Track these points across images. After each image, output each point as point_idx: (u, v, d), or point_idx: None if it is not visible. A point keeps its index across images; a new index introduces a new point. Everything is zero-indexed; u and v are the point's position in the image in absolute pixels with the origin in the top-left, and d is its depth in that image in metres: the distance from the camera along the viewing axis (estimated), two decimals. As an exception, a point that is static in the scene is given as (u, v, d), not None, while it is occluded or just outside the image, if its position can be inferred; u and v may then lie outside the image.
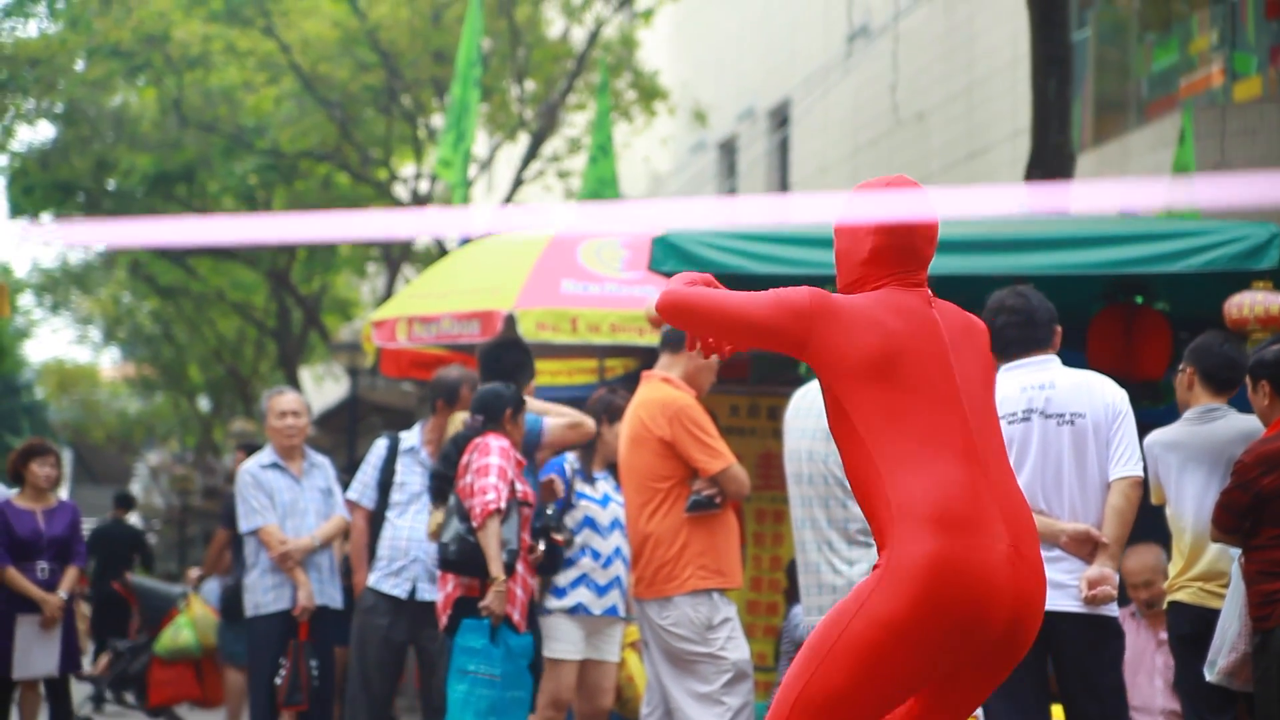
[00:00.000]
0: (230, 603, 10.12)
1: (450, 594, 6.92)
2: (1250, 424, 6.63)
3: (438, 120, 20.37)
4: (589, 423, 7.45)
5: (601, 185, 13.28)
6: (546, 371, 11.93)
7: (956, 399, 4.13)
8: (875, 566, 4.03)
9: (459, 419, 7.48)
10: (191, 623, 10.94)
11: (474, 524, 6.77)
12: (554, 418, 7.43)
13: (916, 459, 4.05)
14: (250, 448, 10.30)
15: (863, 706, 4.01)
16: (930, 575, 3.94)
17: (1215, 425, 6.62)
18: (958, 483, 4.03)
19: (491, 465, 6.81)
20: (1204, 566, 6.59)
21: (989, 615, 3.98)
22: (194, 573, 11.01)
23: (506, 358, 7.32)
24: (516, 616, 6.91)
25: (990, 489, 4.06)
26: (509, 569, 6.80)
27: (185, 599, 11.30)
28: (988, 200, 3.45)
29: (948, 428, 4.09)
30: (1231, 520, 6.16)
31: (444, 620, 6.93)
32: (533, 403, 7.43)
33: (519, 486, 6.95)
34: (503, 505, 6.74)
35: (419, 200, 20.69)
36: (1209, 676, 6.32)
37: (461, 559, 6.82)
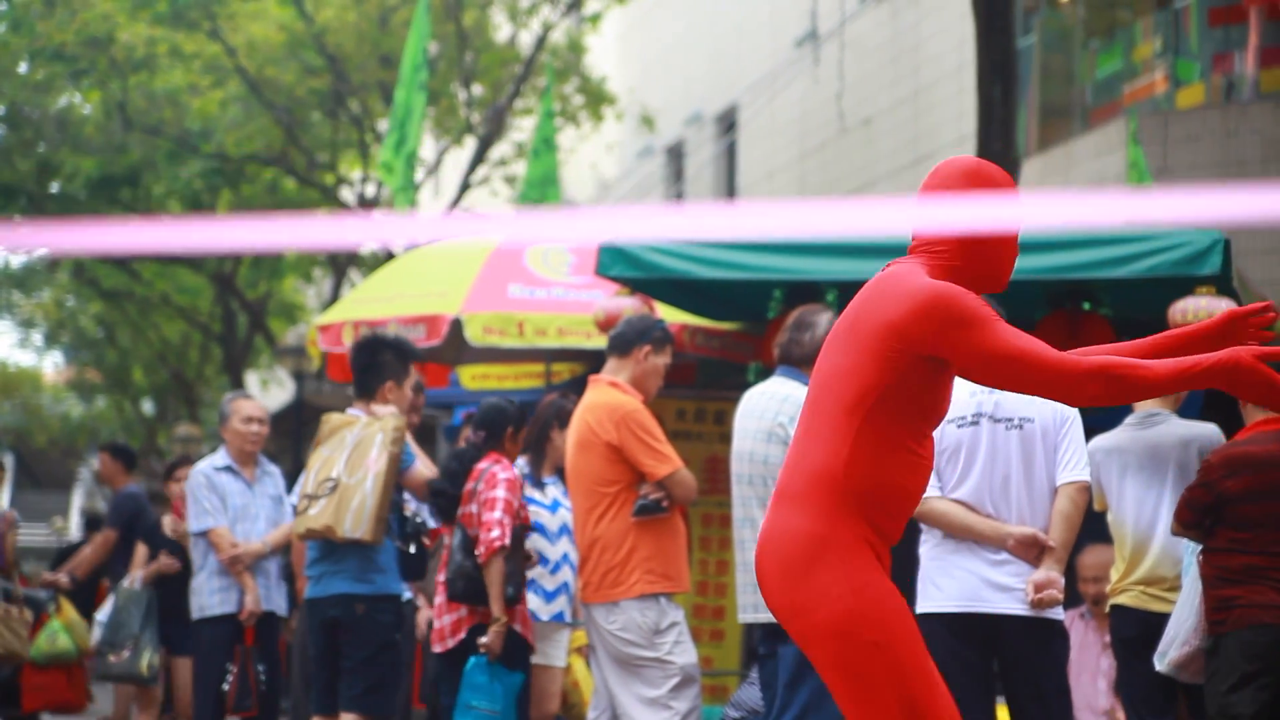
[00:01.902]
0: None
1: (464, 618, 6.96)
2: (1190, 429, 6.69)
3: (385, 124, 20.30)
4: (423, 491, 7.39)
5: (545, 181, 13.26)
6: (494, 376, 11.91)
7: None
8: None
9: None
10: (66, 627, 10.68)
11: (479, 560, 6.86)
12: (423, 467, 7.32)
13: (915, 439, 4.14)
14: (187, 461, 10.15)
15: (937, 681, 3.98)
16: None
17: (1156, 430, 6.67)
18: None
19: (498, 499, 6.87)
20: (1145, 570, 6.64)
21: None
22: (62, 576, 10.63)
23: (362, 360, 7.22)
24: (520, 628, 7.01)
25: None
26: (513, 602, 6.88)
27: (55, 603, 10.96)
28: (937, 214, 3.42)
29: None
30: (1191, 515, 6.21)
31: (449, 644, 6.99)
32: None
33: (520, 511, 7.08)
34: (507, 542, 6.82)
35: (366, 204, 20.62)
36: (1159, 666, 6.37)
37: (467, 594, 6.92)
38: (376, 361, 7.20)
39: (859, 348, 3.93)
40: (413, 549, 7.25)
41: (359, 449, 6.96)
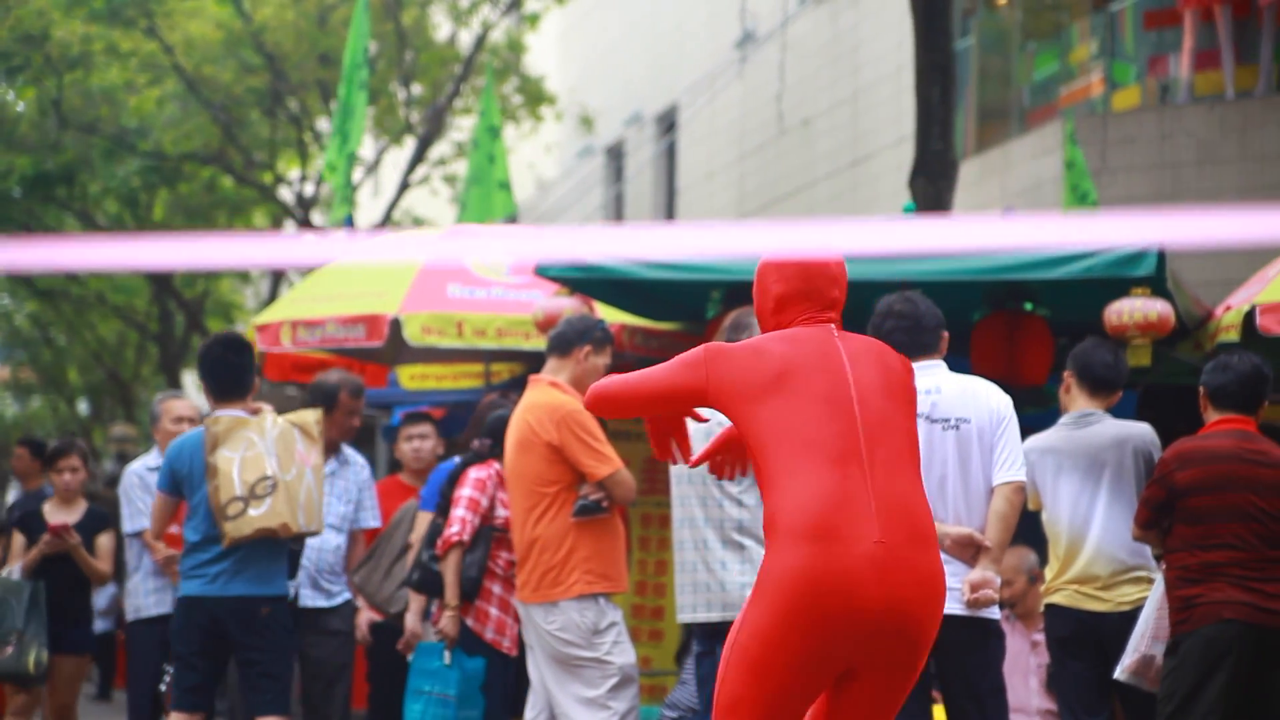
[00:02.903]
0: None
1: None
2: (1125, 429, 6.74)
3: (323, 123, 20.22)
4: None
5: (490, 165, 13.19)
6: (433, 376, 11.88)
7: (846, 407, 4.20)
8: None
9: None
10: None
11: (436, 553, 7.19)
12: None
13: (790, 471, 4.14)
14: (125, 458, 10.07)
15: (767, 711, 4.10)
16: (789, 586, 4.06)
17: (1090, 430, 6.72)
18: (824, 491, 4.10)
19: (462, 497, 7.18)
20: (1079, 569, 6.69)
21: (854, 616, 4.05)
22: None
23: (235, 359, 7.16)
24: (491, 635, 7.18)
25: (868, 493, 4.11)
26: (469, 596, 7.12)
27: None
28: (875, 235, 3.45)
29: (829, 435, 4.16)
30: (1148, 515, 6.27)
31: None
32: None
33: (501, 512, 7.18)
34: (465, 538, 7.09)
35: (304, 204, 20.52)
36: (1117, 675, 6.42)
37: (421, 584, 7.29)
38: (246, 361, 7.15)
39: (911, 410, 4.36)
40: (301, 547, 7.38)
41: (283, 446, 6.89)
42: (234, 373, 7.10)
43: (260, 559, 6.94)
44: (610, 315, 9.04)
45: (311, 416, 7.02)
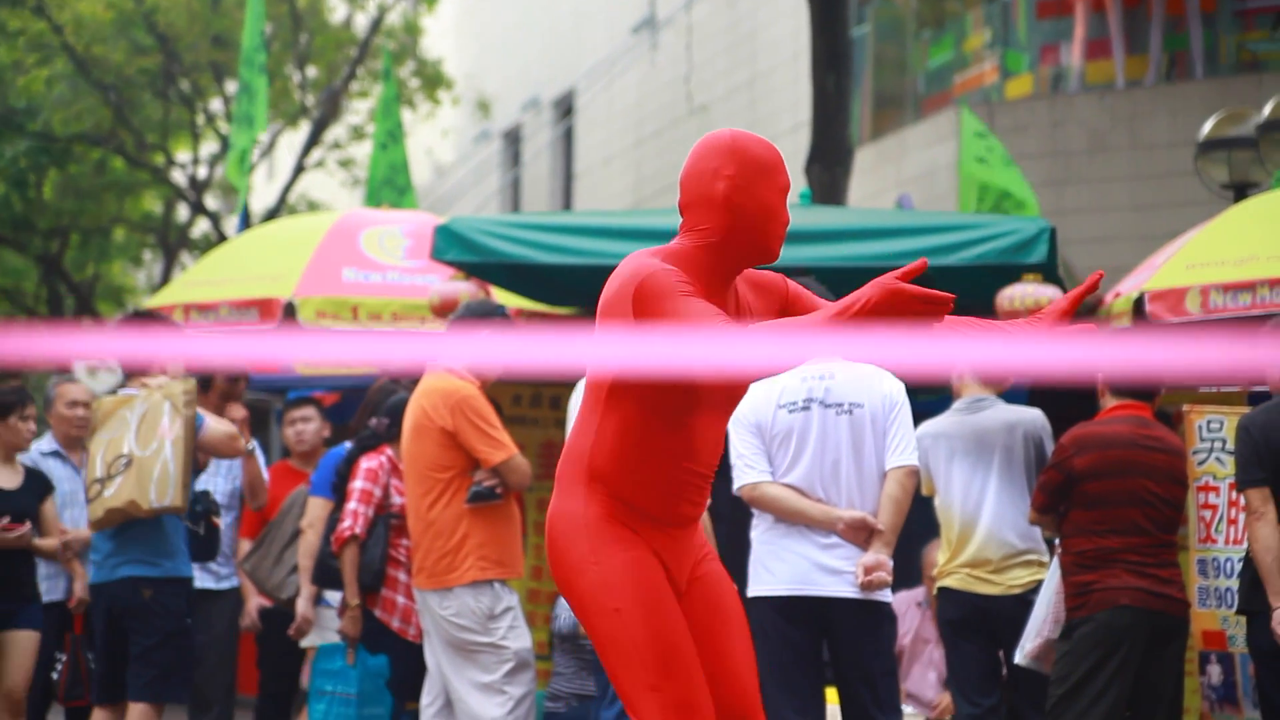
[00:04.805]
0: None
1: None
2: (1015, 414, 6.82)
3: (217, 105, 20.02)
4: (241, 442, 7.29)
5: (393, 172, 13.18)
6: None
7: None
8: None
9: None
10: None
11: (332, 549, 7.08)
12: (216, 424, 7.18)
13: None
14: None
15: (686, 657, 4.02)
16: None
17: (982, 415, 6.79)
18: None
19: (354, 489, 7.06)
20: (971, 553, 6.75)
21: None
22: None
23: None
24: (398, 624, 7.08)
25: None
26: (371, 589, 7.01)
27: None
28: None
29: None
30: (1045, 499, 6.34)
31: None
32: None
33: (397, 499, 7.10)
34: (359, 531, 6.98)
35: (196, 186, 20.30)
36: (1018, 659, 6.49)
37: (322, 579, 7.22)
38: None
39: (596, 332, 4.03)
40: (202, 530, 7.14)
41: (146, 422, 6.76)
42: None
43: (141, 540, 6.81)
44: (507, 300, 9.01)
45: (179, 388, 6.83)
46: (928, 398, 8.97)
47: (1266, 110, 10.97)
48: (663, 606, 4.01)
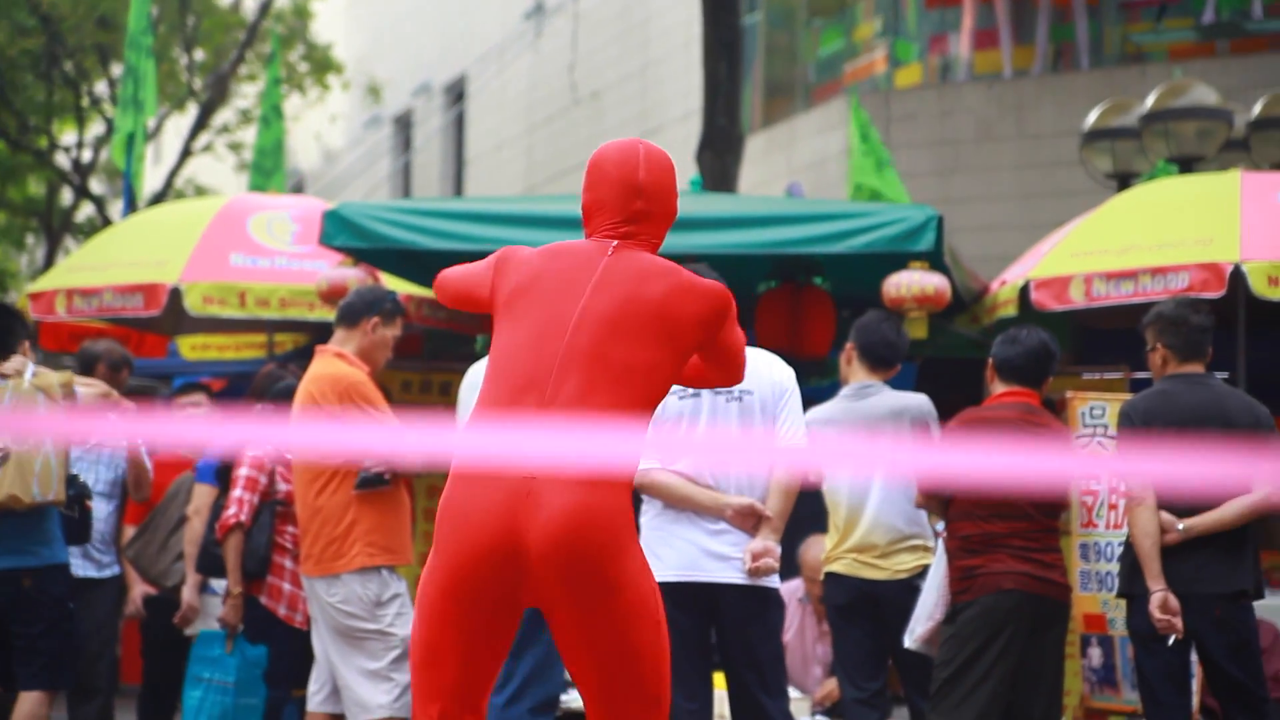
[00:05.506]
0: None
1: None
2: (902, 400, 6.88)
3: (102, 87, 19.74)
4: (114, 394, 7.19)
5: (261, 156, 13.13)
6: (214, 346, 11.68)
7: (556, 334, 4.04)
8: None
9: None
10: None
11: (216, 537, 7.09)
12: (87, 390, 7.07)
13: (480, 401, 4.09)
14: None
15: (434, 655, 4.03)
16: (438, 521, 4.04)
17: (869, 401, 6.84)
18: (487, 425, 4.04)
19: (240, 477, 7.06)
20: (858, 539, 6.80)
21: (478, 554, 3.94)
22: None
23: (10, 320, 6.92)
24: (284, 611, 7.05)
25: (538, 427, 3.95)
26: (256, 577, 7.02)
27: None
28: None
29: (522, 365, 4.03)
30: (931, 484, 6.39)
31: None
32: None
33: (283, 485, 7.05)
34: (244, 518, 6.99)
35: (81, 170, 20.01)
36: (908, 643, 6.53)
37: (207, 567, 7.24)
38: (8, 324, 6.88)
39: (670, 344, 4.09)
40: (76, 513, 7.00)
41: (21, 412, 6.64)
42: None
43: (17, 530, 6.69)
44: (396, 286, 8.96)
45: (56, 379, 6.73)
46: (817, 383, 9.03)
47: (1150, 101, 11.13)
48: (432, 618, 4.07)
